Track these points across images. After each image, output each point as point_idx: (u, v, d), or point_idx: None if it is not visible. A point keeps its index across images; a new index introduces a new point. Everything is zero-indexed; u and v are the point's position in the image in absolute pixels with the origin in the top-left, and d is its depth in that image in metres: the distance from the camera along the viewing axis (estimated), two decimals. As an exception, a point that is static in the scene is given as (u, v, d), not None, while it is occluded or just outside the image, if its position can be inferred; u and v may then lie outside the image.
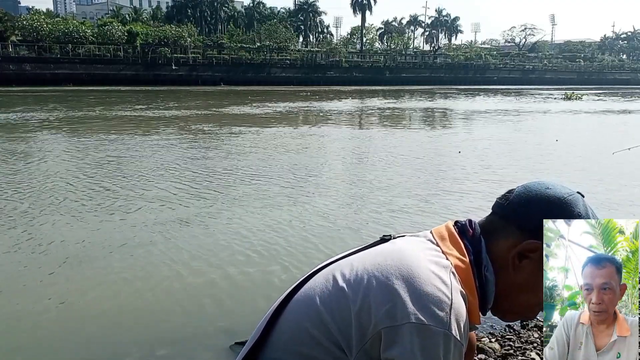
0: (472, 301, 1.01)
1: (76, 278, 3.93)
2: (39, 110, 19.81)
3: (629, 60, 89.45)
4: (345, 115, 20.09)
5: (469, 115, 20.37)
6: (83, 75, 45.67)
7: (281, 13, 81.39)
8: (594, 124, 17.95)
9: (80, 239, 4.78)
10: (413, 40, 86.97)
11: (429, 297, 0.93)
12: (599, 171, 8.32)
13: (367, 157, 9.83)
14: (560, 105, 27.36)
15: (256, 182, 7.29)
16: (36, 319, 3.33)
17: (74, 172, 7.86)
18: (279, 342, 1.06)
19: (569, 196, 1.02)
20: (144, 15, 70.60)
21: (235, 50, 55.95)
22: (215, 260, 4.28)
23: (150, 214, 5.57)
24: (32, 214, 5.57)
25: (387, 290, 0.95)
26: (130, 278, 3.92)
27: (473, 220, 1.11)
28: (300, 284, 1.12)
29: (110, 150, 10.05)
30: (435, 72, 66.37)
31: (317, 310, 1.01)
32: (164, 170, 8.10)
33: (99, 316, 3.37)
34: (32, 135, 12.60)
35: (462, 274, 1.01)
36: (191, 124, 15.74)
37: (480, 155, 9.81)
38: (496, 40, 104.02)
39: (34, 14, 55.42)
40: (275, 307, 1.11)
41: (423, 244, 1.06)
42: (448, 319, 0.92)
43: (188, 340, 3.06)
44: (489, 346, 2.77)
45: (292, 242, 4.73)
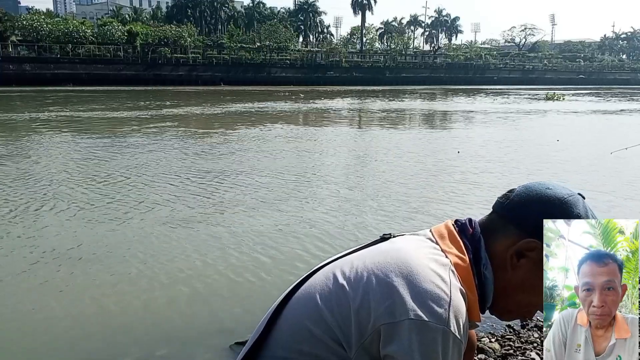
0: (471, 299, 1.01)
1: (76, 278, 3.93)
2: (39, 110, 19.81)
3: (629, 60, 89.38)
4: (336, 117, 20.05)
5: (448, 116, 20.33)
6: (83, 75, 45.64)
7: (281, 13, 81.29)
8: (569, 124, 17.77)
9: (80, 239, 4.78)
10: (413, 40, 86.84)
11: (428, 294, 0.93)
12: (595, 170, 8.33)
13: (365, 157, 9.83)
14: (538, 105, 26.66)
15: (255, 182, 7.29)
16: (36, 319, 3.33)
17: (74, 172, 7.86)
18: (280, 340, 1.06)
19: (569, 197, 1.02)
20: (144, 15, 70.71)
21: (235, 50, 55.91)
22: (215, 260, 4.28)
23: (150, 215, 5.57)
24: (32, 214, 5.57)
25: (387, 287, 0.96)
26: (130, 278, 3.93)
27: (473, 219, 1.11)
28: (300, 283, 1.12)
29: (105, 149, 10.06)
30: (435, 72, 66.30)
31: (318, 308, 1.02)
32: (164, 170, 8.09)
33: (99, 316, 3.37)
34: (32, 135, 12.59)
35: (462, 272, 1.01)
36: (191, 124, 15.73)
37: (479, 155, 9.82)
38: (496, 40, 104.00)
39: (34, 14, 55.34)
40: (276, 305, 1.11)
41: (423, 243, 1.07)
42: (447, 316, 0.92)
43: (188, 340, 3.06)
44: (489, 346, 2.77)
45: (292, 243, 4.73)
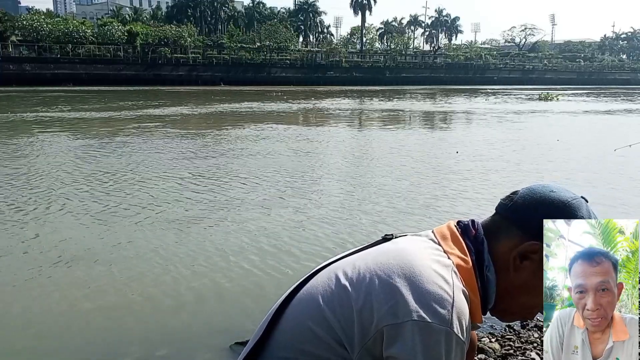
0: (474, 300, 1.01)
1: (77, 278, 3.93)
2: (41, 109, 19.81)
3: (629, 60, 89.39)
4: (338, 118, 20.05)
5: (438, 116, 20.33)
6: (83, 75, 45.66)
7: (281, 13, 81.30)
8: (566, 124, 17.81)
9: (80, 239, 4.78)
10: (413, 40, 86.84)
11: (431, 295, 0.93)
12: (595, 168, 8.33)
13: (365, 158, 9.83)
14: (531, 105, 26.39)
15: (254, 183, 7.29)
16: (36, 319, 3.33)
17: (74, 172, 7.86)
18: (282, 340, 1.06)
19: (572, 200, 1.02)
20: (144, 15, 70.65)
21: (235, 50, 55.91)
22: (215, 260, 4.28)
23: (150, 215, 5.57)
24: (32, 214, 5.57)
25: (390, 288, 0.96)
26: (130, 278, 3.92)
27: (476, 220, 1.11)
28: (302, 283, 1.12)
29: (106, 150, 10.06)
30: (435, 72, 66.31)
31: (320, 309, 1.02)
32: (163, 170, 8.09)
33: (99, 316, 3.37)
34: (32, 135, 12.59)
35: (464, 273, 1.01)
36: (190, 124, 15.74)
37: (477, 155, 9.82)
38: (496, 40, 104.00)
39: (34, 14, 55.30)
40: (278, 306, 1.11)
41: (425, 243, 1.07)
42: (450, 317, 0.92)
43: (188, 340, 3.06)
44: (489, 346, 2.77)
45: (292, 243, 4.73)
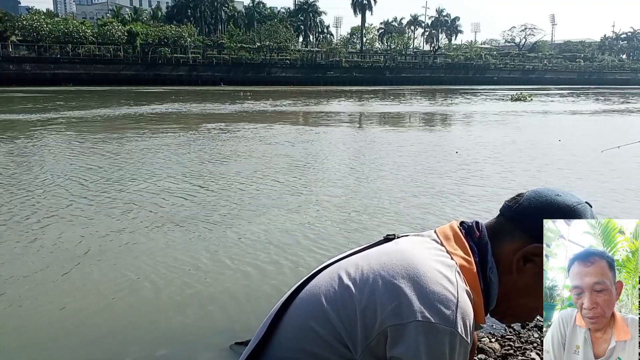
0: (477, 301, 1.00)
1: (77, 279, 3.93)
2: (40, 109, 19.81)
3: (629, 60, 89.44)
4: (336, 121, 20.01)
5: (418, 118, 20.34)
6: (83, 75, 45.72)
7: (281, 13, 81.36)
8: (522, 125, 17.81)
9: (81, 239, 4.78)
10: (413, 40, 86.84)
11: (435, 296, 0.93)
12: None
13: (365, 158, 9.84)
14: (500, 106, 25.74)
15: (254, 183, 7.29)
16: (37, 319, 3.33)
17: (75, 173, 7.86)
18: (284, 340, 1.05)
19: (578, 205, 1.02)
20: (144, 15, 70.60)
21: (235, 50, 55.96)
22: (215, 261, 4.28)
23: (150, 216, 5.57)
24: (33, 214, 5.57)
25: (393, 288, 0.95)
26: (131, 278, 3.92)
27: (480, 222, 1.10)
28: (304, 283, 1.11)
29: (105, 149, 10.06)
30: (435, 72, 66.38)
31: (323, 309, 1.01)
32: (163, 171, 8.10)
33: (99, 316, 3.37)
34: (32, 135, 12.59)
35: (467, 274, 1.01)
36: (190, 124, 15.74)
37: (475, 155, 9.82)
38: (496, 40, 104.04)
39: (34, 14, 55.35)
40: (279, 305, 1.11)
41: (427, 244, 1.06)
42: (454, 318, 0.92)
43: (188, 340, 3.06)
44: (489, 346, 2.77)
45: (292, 243, 4.73)
